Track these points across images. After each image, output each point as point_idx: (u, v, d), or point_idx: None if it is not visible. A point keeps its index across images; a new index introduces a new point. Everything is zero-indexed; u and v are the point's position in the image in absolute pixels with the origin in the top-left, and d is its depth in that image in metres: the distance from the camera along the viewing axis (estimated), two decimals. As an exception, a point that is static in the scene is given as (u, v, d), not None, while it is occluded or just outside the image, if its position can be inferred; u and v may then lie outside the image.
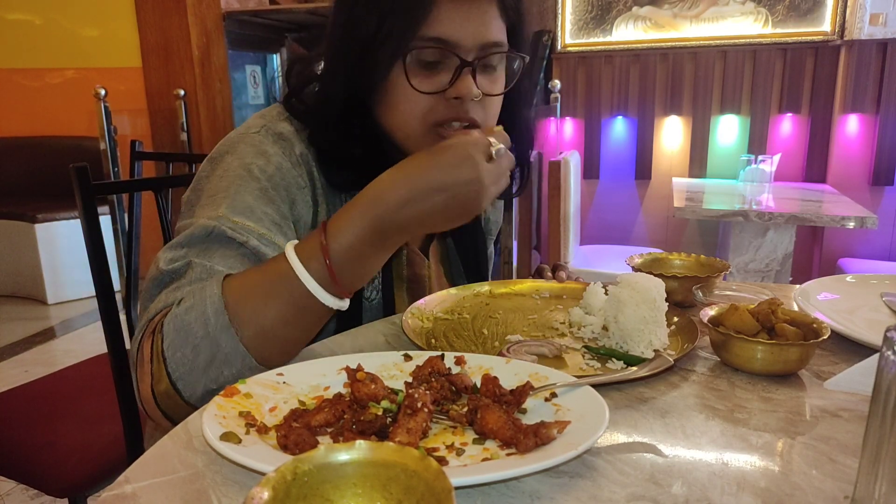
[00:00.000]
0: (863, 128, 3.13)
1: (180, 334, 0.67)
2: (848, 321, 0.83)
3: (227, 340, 0.67)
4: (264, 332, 0.68)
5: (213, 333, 0.66)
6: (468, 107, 0.80)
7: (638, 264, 1.03)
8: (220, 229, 0.75)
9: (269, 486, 0.35)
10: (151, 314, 0.72)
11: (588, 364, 0.75)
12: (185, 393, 0.68)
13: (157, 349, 0.68)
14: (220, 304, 0.67)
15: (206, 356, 0.67)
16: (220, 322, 0.66)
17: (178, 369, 0.67)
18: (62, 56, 4.15)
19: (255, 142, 0.84)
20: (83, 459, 1.19)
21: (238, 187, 0.79)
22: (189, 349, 0.67)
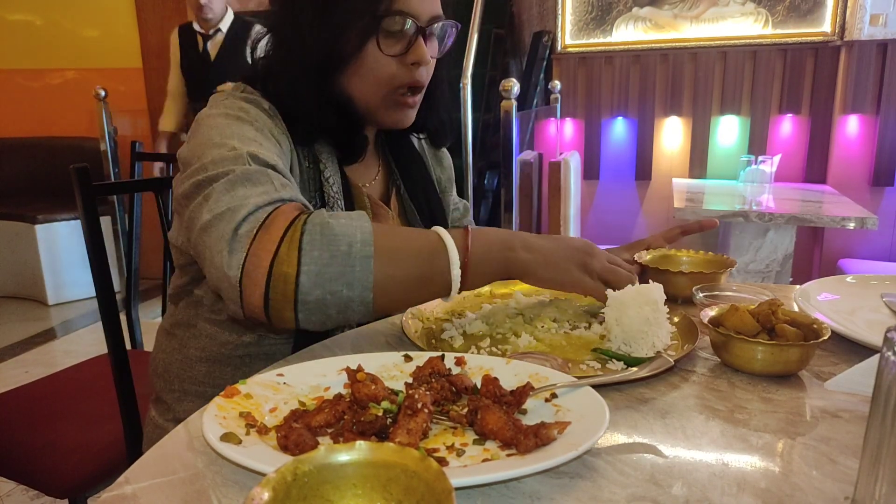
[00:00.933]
0: (863, 128, 3.13)
1: (325, 238, 0.71)
2: (848, 322, 0.83)
3: (362, 267, 0.71)
4: (394, 279, 0.74)
5: (353, 253, 0.71)
6: (421, 70, 0.94)
7: (647, 260, 1.04)
8: (251, 152, 0.80)
9: (269, 487, 0.35)
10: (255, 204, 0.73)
11: (588, 364, 0.75)
12: (302, 287, 0.70)
13: (295, 236, 0.71)
14: (370, 237, 0.72)
15: (337, 269, 0.71)
16: (365, 250, 0.72)
17: (310, 264, 0.70)
18: (63, 57, 4.16)
19: (227, 104, 0.90)
20: (83, 460, 1.19)
21: (234, 129, 0.84)
22: (327, 254, 0.71)
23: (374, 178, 1.08)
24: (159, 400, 1.04)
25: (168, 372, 1.01)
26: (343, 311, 0.73)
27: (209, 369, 0.96)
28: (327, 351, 0.80)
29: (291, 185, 0.80)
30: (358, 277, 0.71)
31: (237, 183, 0.76)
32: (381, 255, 0.72)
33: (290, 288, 0.70)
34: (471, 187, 2.36)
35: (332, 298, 0.71)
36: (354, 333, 0.88)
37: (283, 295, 0.70)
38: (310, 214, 0.73)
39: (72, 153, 3.91)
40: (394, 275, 0.73)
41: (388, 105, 0.95)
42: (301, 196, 0.80)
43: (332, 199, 0.94)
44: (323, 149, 0.97)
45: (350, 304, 0.72)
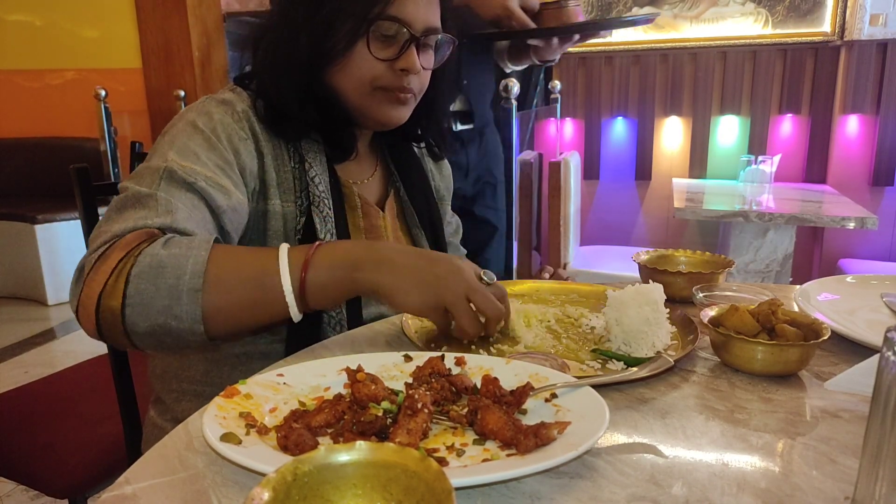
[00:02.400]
0: (863, 128, 3.13)
1: (153, 270, 0.71)
2: (848, 322, 0.83)
3: (190, 301, 0.71)
4: (224, 308, 0.73)
5: (180, 287, 0.71)
6: (410, 78, 0.95)
7: (644, 260, 1.03)
8: (171, 168, 0.82)
9: (269, 487, 0.35)
10: (118, 230, 0.75)
11: (588, 364, 0.75)
12: (128, 320, 0.71)
13: (125, 268, 0.71)
14: (202, 268, 0.71)
15: (163, 302, 0.71)
16: (193, 283, 0.71)
17: (135, 297, 0.70)
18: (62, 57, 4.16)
19: (198, 107, 0.92)
20: (83, 460, 1.19)
21: (183, 138, 0.87)
22: (153, 287, 0.71)
23: (370, 177, 1.08)
24: (158, 400, 1.04)
25: (166, 372, 1.01)
26: (179, 341, 0.73)
27: (207, 368, 0.96)
28: (327, 351, 0.80)
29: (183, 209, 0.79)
30: (186, 311, 0.71)
31: (126, 204, 0.79)
32: (211, 284, 0.72)
33: (117, 320, 0.71)
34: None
35: (162, 330, 0.72)
36: (354, 333, 0.88)
37: (112, 325, 0.71)
38: (150, 244, 0.73)
39: (72, 153, 3.91)
40: (223, 304, 0.73)
41: (377, 100, 0.95)
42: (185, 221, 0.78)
43: (317, 198, 0.94)
44: (310, 147, 0.97)
45: (182, 334, 0.72)
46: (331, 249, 0.77)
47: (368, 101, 0.96)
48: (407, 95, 0.96)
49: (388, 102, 0.96)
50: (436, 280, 0.75)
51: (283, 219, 0.93)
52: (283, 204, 0.93)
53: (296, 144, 0.96)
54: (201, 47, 3.96)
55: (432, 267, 0.76)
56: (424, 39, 0.95)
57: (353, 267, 0.76)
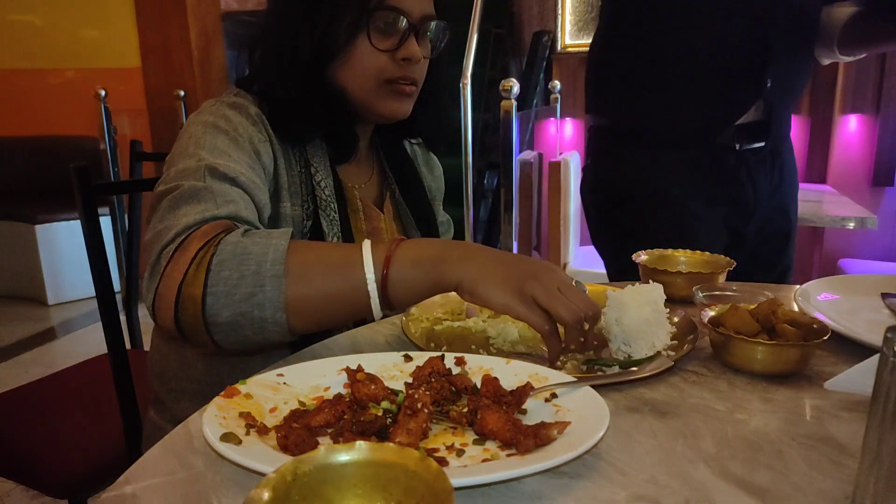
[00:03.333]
0: (863, 128, 3.13)
1: (235, 258, 0.70)
2: (848, 322, 0.83)
3: (273, 287, 0.70)
4: (307, 298, 0.72)
5: (263, 274, 0.70)
6: (413, 67, 0.95)
7: (644, 261, 1.03)
8: (211, 164, 0.81)
9: (269, 487, 0.35)
10: (189, 222, 0.74)
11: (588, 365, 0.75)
12: (209, 309, 0.70)
13: (205, 258, 0.70)
14: (283, 255, 0.71)
15: (246, 290, 0.70)
16: (275, 270, 0.70)
17: (217, 286, 0.69)
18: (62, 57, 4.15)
19: (211, 111, 0.91)
20: (83, 460, 1.19)
21: (208, 139, 0.85)
22: (236, 275, 0.70)
23: (368, 180, 1.08)
24: (157, 400, 1.04)
25: (165, 372, 1.01)
26: (259, 332, 0.72)
27: (206, 367, 0.96)
28: (327, 351, 0.80)
29: (240, 200, 0.79)
30: (269, 297, 0.70)
31: (181, 200, 0.77)
32: (293, 273, 0.71)
33: (197, 309, 0.69)
34: (471, 187, 2.36)
35: (244, 319, 0.70)
36: (354, 333, 0.88)
37: (192, 316, 0.70)
38: (228, 233, 0.73)
39: (72, 153, 3.90)
40: (307, 294, 0.71)
41: (382, 95, 0.96)
42: (245, 212, 0.79)
43: (323, 202, 0.95)
44: (315, 152, 0.97)
45: (264, 324, 0.71)
46: (413, 245, 0.75)
47: (374, 97, 0.96)
48: (410, 87, 0.97)
49: (393, 96, 0.96)
50: (524, 273, 0.71)
51: (292, 222, 0.93)
52: (293, 207, 0.93)
53: (301, 149, 0.96)
54: (200, 47, 3.96)
55: (521, 261, 0.74)
56: (423, 28, 0.95)
57: (438, 261, 0.73)
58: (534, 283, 0.70)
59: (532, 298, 0.69)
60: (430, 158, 1.23)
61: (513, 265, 0.72)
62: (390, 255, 0.73)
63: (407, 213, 1.10)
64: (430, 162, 1.22)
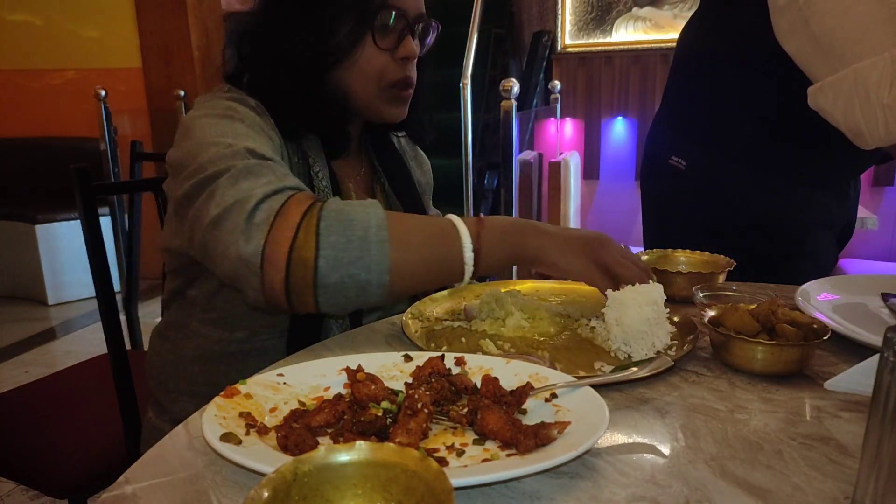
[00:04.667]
0: (863, 128, 3.13)
1: (340, 223, 0.73)
2: (848, 322, 0.83)
3: (378, 251, 0.73)
4: (409, 262, 0.76)
5: (370, 238, 0.73)
6: (410, 66, 0.97)
7: (644, 260, 1.03)
8: (247, 147, 0.81)
9: (269, 487, 0.35)
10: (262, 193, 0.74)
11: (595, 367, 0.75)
12: (321, 271, 0.72)
13: (312, 222, 0.73)
14: (384, 222, 0.74)
15: (354, 253, 0.73)
16: (380, 235, 0.74)
17: (328, 249, 0.72)
18: (62, 57, 4.16)
19: (212, 104, 0.89)
20: (83, 460, 1.19)
21: (224, 127, 0.84)
22: (343, 239, 0.73)
23: (359, 174, 1.09)
24: (156, 402, 1.04)
25: (163, 373, 1.01)
26: (361, 294, 0.75)
27: (203, 368, 0.96)
28: (327, 351, 0.80)
29: (292, 175, 0.81)
30: (375, 261, 0.73)
31: (240, 177, 0.77)
32: (396, 239, 0.74)
33: (309, 272, 0.72)
34: (470, 187, 2.36)
35: (351, 282, 0.73)
36: (354, 333, 0.88)
37: (303, 279, 0.72)
38: (325, 201, 0.75)
39: (72, 153, 3.90)
40: (408, 259, 0.75)
41: (384, 99, 0.97)
42: (303, 185, 0.81)
43: (321, 193, 0.95)
44: (311, 144, 0.97)
45: (368, 286, 0.74)
46: (496, 220, 0.82)
47: (377, 101, 0.97)
48: (409, 91, 0.98)
49: (394, 101, 0.97)
50: (595, 243, 0.83)
51: None
52: None
53: (298, 142, 0.96)
54: (201, 47, 3.96)
55: (587, 234, 0.85)
56: (417, 26, 0.96)
57: (521, 233, 0.81)
58: (604, 252, 0.83)
59: (605, 264, 0.82)
60: (419, 154, 1.23)
61: (581, 239, 0.83)
62: (480, 229, 0.79)
63: (398, 206, 1.10)
64: (419, 157, 1.22)
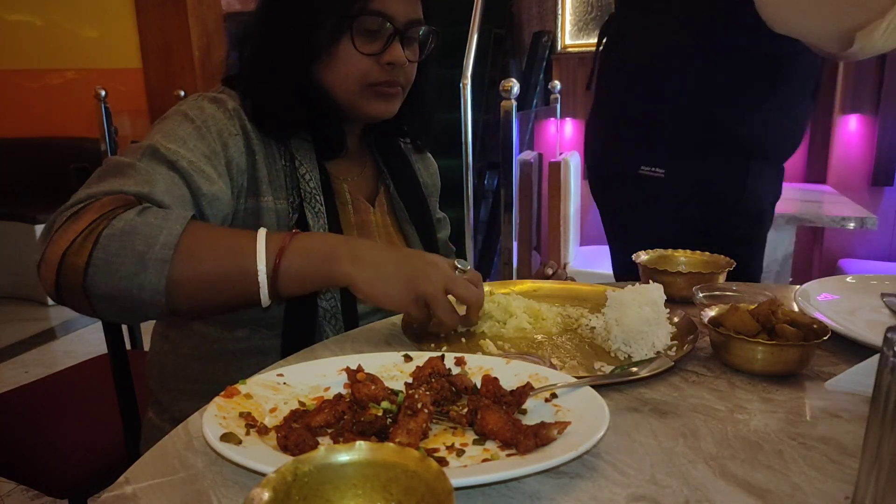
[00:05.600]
0: (863, 128, 3.13)
1: (124, 235, 0.71)
2: (848, 322, 0.83)
3: (155, 271, 0.71)
4: (191, 281, 0.73)
5: (148, 257, 0.71)
6: (397, 71, 0.96)
7: (644, 261, 1.03)
8: (154, 146, 0.82)
9: (269, 487, 0.35)
10: (94, 192, 0.75)
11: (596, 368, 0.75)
12: (89, 279, 0.70)
13: (96, 229, 0.71)
14: (174, 241, 0.72)
15: (129, 268, 0.71)
16: (162, 255, 0.71)
17: (100, 259, 0.70)
18: (62, 57, 4.16)
19: (190, 102, 0.93)
20: (83, 460, 1.19)
21: (172, 125, 0.87)
22: (121, 252, 0.70)
23: (360, 174, 1.09)
24: (156, 401, 1.04)
25: (162, 373, 1.01)
26: (137, 309, 0.73)
27: (203, 367, 0.96)
28: (327, 351, 0.80)
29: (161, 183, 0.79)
30: (150, 280, 0.71)
31: (107, 173, 0.79)
32: (183, 255, 0.72)
33: (78, 279, 0.70)
34: (471, 187, 2.36)
35: (122, 296, 0.71)
36: (354, 333, 0.88)
37: (73, 285, 0.71)
38: (125, 210, 0.73)
39: (72, 153, 3.90)
40: (192, 276, 0.73)
41: (367, 97, 0.96)
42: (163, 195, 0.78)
43: (309, 195, 0.95)
44: (300, 145, 0.97)
45: (141, 304, 0.72)
46: (308, 239, 0.78)
47: (358, 99, 0.97)
48: (395, 90, 0.97)
49: (376, 98, 0.97)
50: (414, 273, 0.76)
51: (276, 215, 0.93)
52: (276, 201, 0.93)
53: (286, 143, 0.97)
54: (201, 47, 3.96)
55: (409, 261, 0.78)
56: (408, 32, 0.96)
57: (329, 258, 0.76)
58: (424, 282, 0.75)
59: (421, 296, 0.76)
60: (426, 156, 1.23)
61: (401, 264, 0.77)
62: (284, 246, 0.75)
63: (402, 207, 1.10)
64: (426, 159, 1.22)
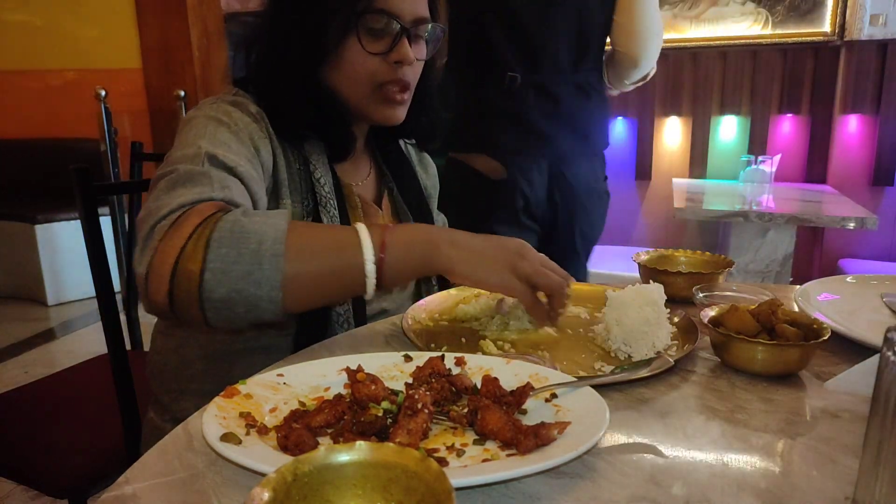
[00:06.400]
0: (863, 128, 3.13)
1: (234, 235, 0.70)
2: (848, 322, 0.83)
3: (271, 266, 0.70)
4: (303, 276, 0.73)
5: (262, 252, 0.70)
6: (405, 70, 0.95)
7: (644, 261, 1.03)
8: (211, 152, 0.81)
9: (269, 487, 0.35)
10: (185, 201, 0.74)
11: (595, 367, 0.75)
12: (206, 285, 0.69)
13: (204, 233, 0.70)
14: (283, 235, 0.71)
15: (244, 268, 0.70)
16: (275, 249, 0.70)
17: (215, 262, 0.69)
18: (62, 57, 4.15)
19: (212, 107, 0.91)
20: (83, 460, 1.19)
21: (210, 129, 0.86)
22: (234, 252, 0.70)
23: (366, 178, 1.09)
24: (157, 401, 1.04)
25: (164, 372, 1.01)
26: (252, 310, 0.72)
27: (206, 366, 0.96)
28: (327, 351, 0.80)
29: (235, 188, 0.80)
30: (266, 276, 0.70)
31: (178, 182, 0.77)
32: (292, 251, 0.72)
33: (193, 285, 0.69)
34: (471, 187, 2.35)
35: (239, 297, 0.70)
36: (354, 333, 0.88)
37: (187, 292, 0.69)
38: (227, 212, 0.73)
39: (72, 153, 3.90)
40: (304, 271, 0.73)
41: (376, 101, 0.96)
42: (241, 198, 0.79)
43: (324, 198, 0.95)
44: (313, 149, 0.97)
45: (258, 302, 0.71)
46: (405, 229, 0.79)
47: (367, 102, 0.96)
48: (404, 95, 0.97)
49: (385, 103, 0.97)
50: (512, 254, 0.79)
51: (293, 218, 0.93)
52: (293, 204, 0.94)
53: (299, 147, 0.97)
54: (201, 47, 3.96)
55: (502, 243, 0.80)
56: (415, 30, 0.95)
57: (430, 244, 0.78)
58: (522, 261, 0.78)
59: (524, 276, 0.78)
60: (424, 157, 1.23)
61: (497, 247, 0.79)
62: (385, 238, 0.76)
63: (405, 210, 1.10)
64: (424, 161, 1.23)
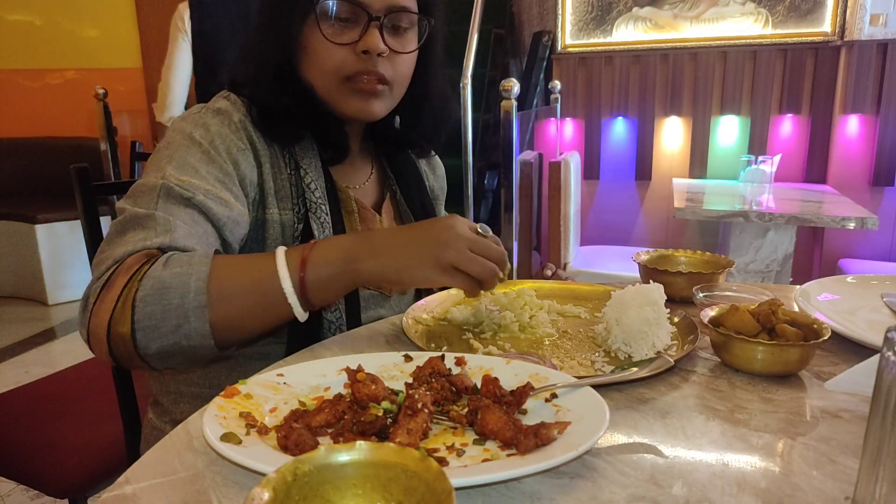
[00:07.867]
0: (863, 128, 3.13)
1: (157, 293, 0.71)
2: (848, 322, 0.83)
3: (196, 317, 0.71)
4: (232, 317, 0.74)
5: (187, 307, 0.71)
6: (376, 61, 0.91)
7: (644, 260, 1.03)
8: (168, 185, 0.81)
9: (269, 487, 0.35)
10: (119, 255, 0.75)
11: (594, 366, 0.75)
12: (140, 343, 0.71)
13: (129, 295, 0.71)
14: (205, 284, 0.71)
15: (172, 323, 0.71)
16: (198, 301, 0.71)
17: (143, 321, 0.71)
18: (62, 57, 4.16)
19: (194, 118, 0.91)
20: (83, 460, 1.19)
21: (181, 152, 0.86)
22: (160, 310, 0.71)
23: (366, 181, 1.07)
24: (156, 402, 1.04)
25: (164, 374, 1.00)
26: (192, 357, 0.74)
27: (205, 370, 0.96)
28: (327, 351, 0.80)
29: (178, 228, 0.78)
30: (194, 327, 0.71)
31: (125, 227, 0.79)
32: (215, 297, 0.72)
33: (129, 345, 0.71)
34: (471, 187, 2.36)
35: (175, 348, 0.72)
36: (354, 333, 0.88)
37: (125, 351, 0.72)
38: (151, 266, 0.73)
39: (72, 153, 3.90)
40: (231, 314, 0.73)
41: (345, 93, 0.93)
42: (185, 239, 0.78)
43: (314, 204, 0.93)
44: (304, 153, 0.96)
45: (195, 350, 0.73)
46: (326, 246, 0.78)
47: (337, 95, 0.93)
48: (375, 86, 0.92)
49: (354, 95, 0.93)
50: (434, 244, 0.75)
51: (281, 227, 0.92)
52: (281, 212, 0.93)
53: (291, 151, 0.95)
54: (201, 47, 3.95)
55: (426, 233, 0.77)
56: (390, 20, 0.91)
57: (351, 259, 0.76)
58: (445, 251, 0.75)
59: (450, 266, 0.75)
60: (433, 158, 1.22)
61: (420, 240, 0.76)
62: (305, 258, 0.75)
63: (408, 213, 1.09)
64: (432, 161, 1.21)
